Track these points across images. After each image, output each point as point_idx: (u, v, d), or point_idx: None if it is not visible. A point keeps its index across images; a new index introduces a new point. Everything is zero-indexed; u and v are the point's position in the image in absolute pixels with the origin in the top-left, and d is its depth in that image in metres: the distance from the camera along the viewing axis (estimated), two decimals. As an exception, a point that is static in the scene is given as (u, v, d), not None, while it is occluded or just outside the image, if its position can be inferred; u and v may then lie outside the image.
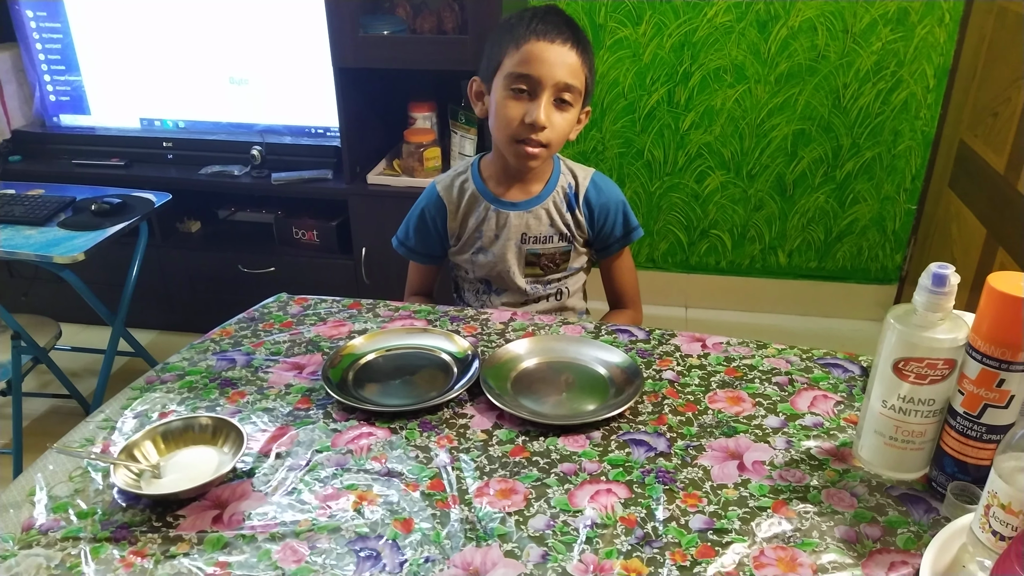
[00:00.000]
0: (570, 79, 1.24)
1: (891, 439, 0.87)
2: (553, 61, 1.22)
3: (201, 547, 0.79)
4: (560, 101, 1.25)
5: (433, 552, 0.79)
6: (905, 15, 2.41)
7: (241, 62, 2.55)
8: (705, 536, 0.81)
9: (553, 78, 1.23)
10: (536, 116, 1.23)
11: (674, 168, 2.75)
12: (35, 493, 0.87)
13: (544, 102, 1.23)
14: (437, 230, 1.43)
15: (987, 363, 0.79)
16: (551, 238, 1.39)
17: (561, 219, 1.39)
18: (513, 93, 1.25)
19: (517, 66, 1.24)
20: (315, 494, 0.86)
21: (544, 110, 1.23)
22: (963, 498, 0.83)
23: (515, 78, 1.24)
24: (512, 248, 1.39)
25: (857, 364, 1.12)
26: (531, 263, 1.41)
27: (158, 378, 1.08)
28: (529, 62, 1.23)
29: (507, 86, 1.25)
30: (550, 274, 1.42)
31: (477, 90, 1.34)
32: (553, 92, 1.24)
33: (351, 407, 1.01)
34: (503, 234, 1.38)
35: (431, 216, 1.42)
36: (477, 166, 1.41)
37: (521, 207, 1.38)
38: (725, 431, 0.97)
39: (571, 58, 1.24)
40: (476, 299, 1.48)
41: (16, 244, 1.95)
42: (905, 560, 0.78)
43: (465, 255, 1.43)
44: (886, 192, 2.67)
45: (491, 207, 1.38)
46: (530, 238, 1.39)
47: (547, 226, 1.39)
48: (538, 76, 1.23)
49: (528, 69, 1.23)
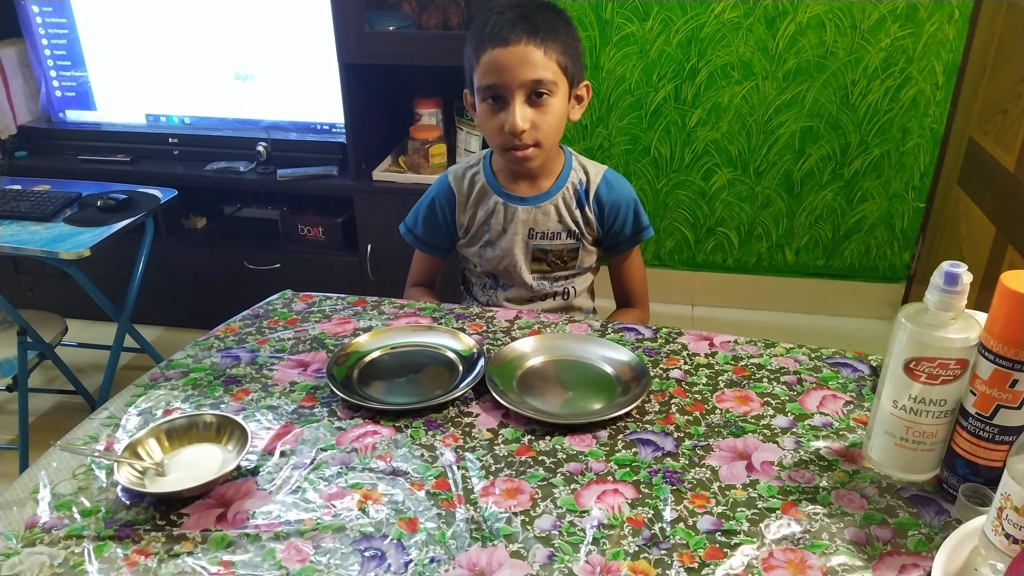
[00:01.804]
0: (537, 75, 1.21)
1: (902, 440, 0.86)
2: (512, 64, 1.20)
3: (205, 546, 0.79)
4: (536, 95, 1.23)
5: (438, 552, 0.78)
6: (914, 11, 2.39)
7: (246, 58, 2.54)
8: (713, 537, 0.80)
9: (517, 80, 1.21)
10: (512, 123, 1.22)
11: (681, 165, 2.74)
12: (39, 491, 0.86)
13: (517, 107, 1.22)
14: (446, 220, 1.42)
15: (1000, 363, 0.78)
16: (559, 234, 1.39)
17: (570, 216, 1.38)
18: (488, 105, 1.25)
19: (482, 78, 1.23)
20: (319, 493, 0.86)
21: (519, 115, 1.22)
22: (975, 500, 0.82)
23: (484, 91, 1.24)
24: (519, 243, 1.38)
25: (866, 364, 1.11)
26: (538, 259, 1.40)
27: (162, 375, 1.07)
28: (490, 72, 1.22)
29: (481, 99, 1.26)
30: (557, 271, 1.41)
31: (470, 101, 1.34)
32: (523, 93, 1.22)
33: (356, 405, 1.00)
34: (511, 228, 1.38)
35: (441, 206, 1.42)
36: (489, 159, 1.41)
37: (530, 202, 1.37)
38: (733, 431, 0.96)
39: (532, 54, 1.20)
40: (483, 293, 1.47)
41: (22, 240, 1.95)
42: (916, 563, 0.77)
43: (473, 248, 1.42)
44: (894, 190, 2.66)
45: (500, 200, 1.38)
46: (537, 233, 1.38)
47: (555, 222, 1.38)
48: (502, 83, 1.21)
49: (491, 79, 1.22)
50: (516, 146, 1.26)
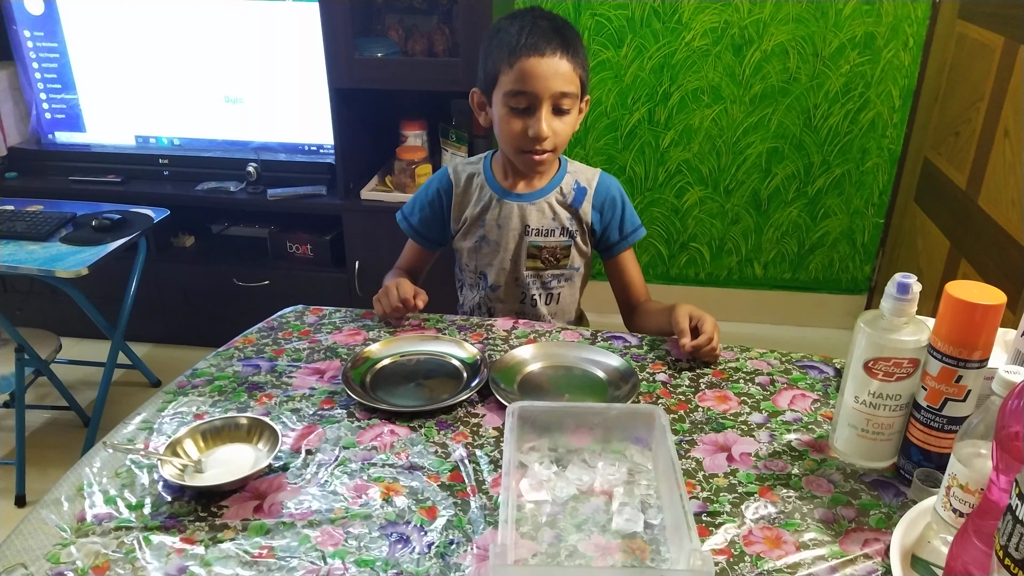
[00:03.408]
0: (565, 87, 1.29)
1: (863, 431, 0.97)
2: (547, 74, 1.27)
3: (246, 533, 0.87)
4: (560, 105, 1.31)
5: (457, 536, 0.87)
6: (872, 39, 2.55)
7: (235, 81, 2.62)
8: (699, 519, 0.90)
9: (549, 91, 1.28)
10: (539, 130, 1.30)
11: (654, 184, 2.86)
12: (83, 488, 0.94)
13: (544, 114, 1.30)
14: (442, 208, 1.49)
15: (947, 361, 0.89)
16: (553, 231, 1.45)
17: (564, 214, 1.44)
18: (513, 110, 1.31)
19: (513, 83, 1.29)
20: (345, 486, 0.94)
21: (545, 122, 1.30)
22: (928, 483, 0.93)
23: (513, 96, 1.30)
24: (514, 239, 1.44)
25: (831, 366, 1.23)
26: (532, 256, 1.45)
27: (188, 383, 1.15)
28: (524, 79, 1.28)
29: (506, 103, 1.32)
30: (550, 268, 1.47)
31: (479, 101, 1.40)
32: (551, 102, 1.30)
33: (372, 408, 1.09)
34: (506, 224, 1.44)
35: (437, 192, 1.49)
36: (489, 161, 1.48)
37: (525, 199, 1.44)
38: (714, 427, 1.07)
39: (563, 66, 1.28)
40: (473, 293, 1.52)
41: (20, 259, 2.00)
42: (877, 537, 0.88)
43: (468, 242, 1.48)
44: (855, 207, 2.80)
45: (495, 196, 1.44)
46: (532, 230, 1.44)
47: (550, 220, 1.44)
48: (535, 91, 1.28)
49: (524, 86, 1.28)
50: (535, 150, 1.33)
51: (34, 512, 0.90)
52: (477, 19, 2.24)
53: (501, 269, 1.47)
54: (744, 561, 0.84)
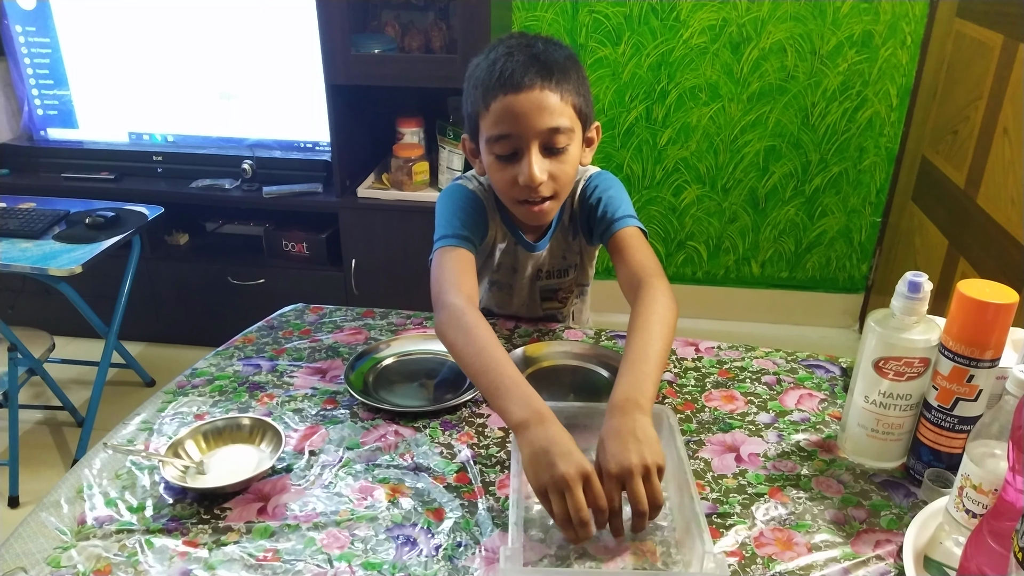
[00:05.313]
0: (554, 122, 1.08)
1: (873, 431, 0.96)
2: (527, 111, 1.07)
3: (250, 536, 0.85)
4: (553, 144, 1.10)
5: (465, 538, 0.86)
6: (869, 38, 2.55)
7: (230, 77, 2.60)
8: (710, 520, 0.89)
9: (534, 129, 1.08)
10: (530, 176, 1.09)
11: (652, 182, 2.85)
12: (83, 490, 0.92)
13: (533, 158, 1.09)
14: (483, 216, 1.24)
15: (958, 361, 0.88)
16: (566, 271, 1.34)
17: (571, 245, 1.32)
18: (499, 157, 1.12)
19: (492, 128, 1.10)
20: (350, 487, 0.93)
21: (536, 167, 1.09)
22: (938, 483, 0.92)
23: (495, 141, 1.10)
24: (526, 285, 1.34)
25: (837, 365, 1.22)
26: (547, 298, 1.36)
27: (188, 383, 1.14)
28: (503, 121, 1.08)
29: (490, 151, 1.13)
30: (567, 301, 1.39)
31: (470, 148, 1.20)
32: (539, 142, 1.09)
33: (375, 408, 1.08)
34: (521, 271, 1.32)
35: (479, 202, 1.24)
36: None
37: (539, 248, 1.30)
38: (722, 427, 1.06)
39: (548, 99, 1.07)
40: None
41: (13, 257, 1.98)
42: (889, 539, 0.87)
43: (480, 280, 1.34)
44: (852, 205, 2.80)
45: (510, 237, 1.29)
46: (544, 273, 1.33)
47: (560, 259, 1.33)
48: (517, 133, 1.08)
49: (504, 129, 1.09)
50: (531, 200, 1.14)
51: (33, 515, 0.88)
52: (474, 15, 2.23)
53: (519, 307, 1.37)
54: (756, 563, 0.83)
